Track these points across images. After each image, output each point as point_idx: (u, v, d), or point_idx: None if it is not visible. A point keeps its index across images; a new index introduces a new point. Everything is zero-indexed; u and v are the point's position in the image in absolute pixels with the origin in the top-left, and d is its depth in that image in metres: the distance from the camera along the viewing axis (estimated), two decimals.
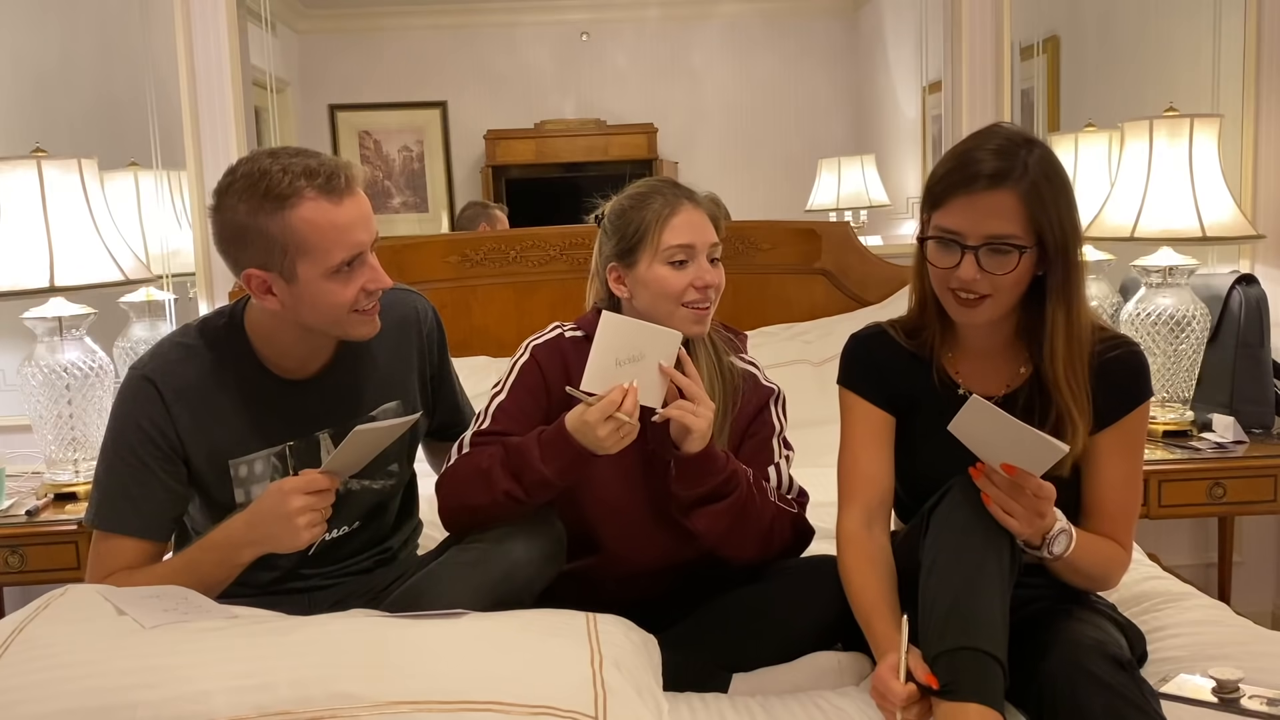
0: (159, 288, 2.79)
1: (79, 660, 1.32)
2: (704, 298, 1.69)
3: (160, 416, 1.61)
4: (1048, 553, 1.49)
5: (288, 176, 1.50)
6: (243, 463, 1.65)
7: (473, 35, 4.15)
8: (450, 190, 4.27)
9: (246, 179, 1.52)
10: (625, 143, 4.24)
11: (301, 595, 1.71)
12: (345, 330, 1.61)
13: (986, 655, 1.36)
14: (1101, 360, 1.57)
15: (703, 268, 1.69)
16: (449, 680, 1.28)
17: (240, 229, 1.53)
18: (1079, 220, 1.54)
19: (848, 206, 3.88)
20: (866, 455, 1.67)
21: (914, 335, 1.68)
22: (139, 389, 1.62)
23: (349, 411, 1.70)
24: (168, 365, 1.63)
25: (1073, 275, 1.53)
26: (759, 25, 4.20)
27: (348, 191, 1.54)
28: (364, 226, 1.56)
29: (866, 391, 1.68)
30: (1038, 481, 1.43)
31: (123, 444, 1.62)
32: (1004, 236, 1.48)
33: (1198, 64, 2.94)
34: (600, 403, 1.54)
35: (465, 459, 1.67)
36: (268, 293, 1.56)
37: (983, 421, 1.42)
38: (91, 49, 2.97)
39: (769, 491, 1.70)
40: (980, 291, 1.51)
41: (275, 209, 1.50)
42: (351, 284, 1.56)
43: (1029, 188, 1.48)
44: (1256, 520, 2.94)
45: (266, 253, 1.53)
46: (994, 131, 1.54)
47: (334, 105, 4.16)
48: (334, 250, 1.53)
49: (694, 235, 1.69)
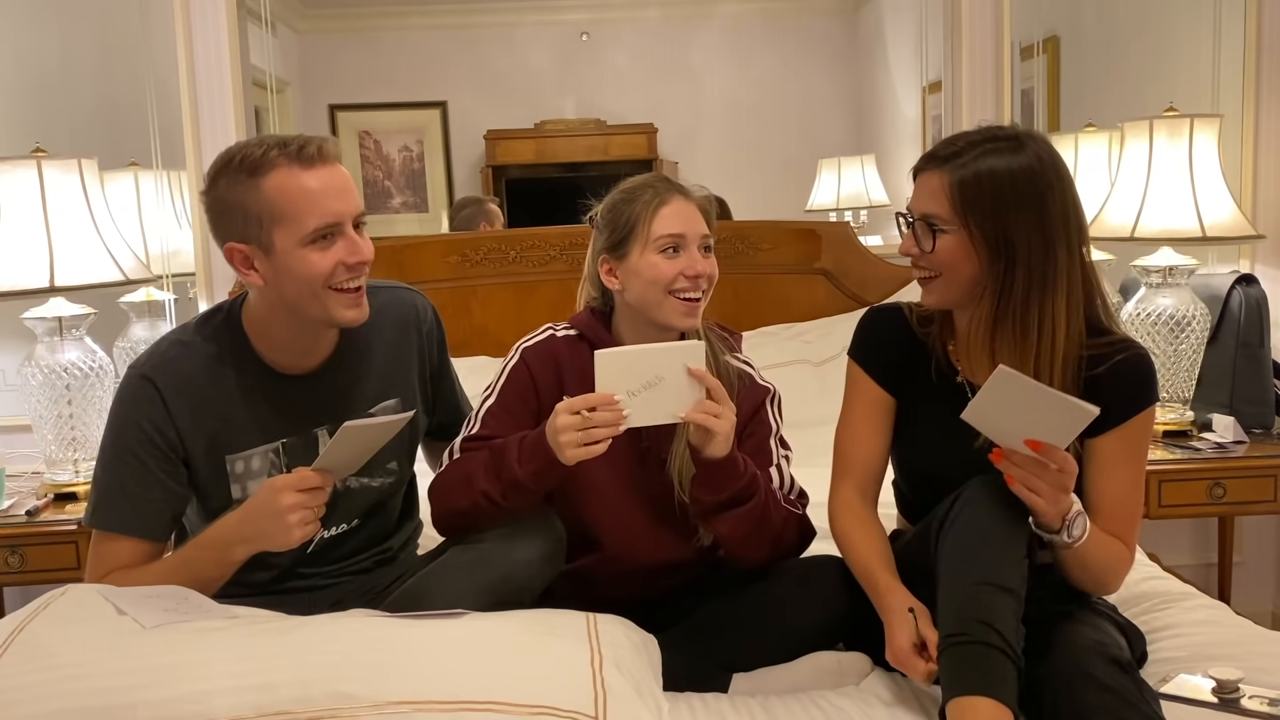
0: (159, 288, 2.80)
1: (79, 660, 1.32)
2: (694, 286, 1.68)
3: (159, 416, 1.61)
4: (1067, 535, 1.49)
5: (261, 148, 1.55)
6: (240, 458, 1.65)
7: (473, 35, 4.15)
8: (450, 190, 4.27)
9: (225, 155, 1.57)
10: (625, 143, 4.23)
11: (302, 595, 1.70)
12: (329, 311, 1.59)
13: (1000, 651, 1.36)
14: (1108, 363, 1.57)
15: (694, 257, 1.69)
16: (449, 680, 1.28)
17: (221, 204, 1.57)
18: (1054, 230, 1.53)
19: (848, 206, 3.88)
20: (864, 433, 1.71)
21: (925, 324, 1.70)
22: (138, 388, 1.62)
23: (348, 408, 1.69)
24: (166, 363, 1.64)
25: (1036, 277, 1.53)
26: (759, 25, 4.20)
27: (320, 159, 1.56)
28: (337, 196, 1.56)
29: (871, 368, 1.71)
30: (1063, 455, 1.44)
31: (122, 444, 1.62)
32: (928, 215, 1.57)
33: (1198, 64, 2.94)
34: (564, 402, 1.53)
35: (454, 464, 1.68)
36: (250, 267, 1.58)
37: (1009, 394, 1.41)
38: (91, 49, 2.97)
39: (776, 494, 1.70)
40: (927, 268, 1.59)
41: (249, 179, 1.54)
42: (329, 255, 1.56)
43: (962, 178, 1.53)
44: (1256, 520, 2.94)
45: (245, 224, 1.55)
46: (985, 129, 1.58)
47: (334, 105, 4.16)
48: (306, 216, 1.54)
49: (684, 225, 1.69)
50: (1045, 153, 1.55)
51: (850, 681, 1.60)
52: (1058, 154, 1.58)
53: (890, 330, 1.72)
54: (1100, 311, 1.61)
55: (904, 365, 1.69)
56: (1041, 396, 1.41)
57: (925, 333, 1.69)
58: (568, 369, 1.73)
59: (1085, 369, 1.57)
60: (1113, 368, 1.57)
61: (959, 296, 1.60)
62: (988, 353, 1.57)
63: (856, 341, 1.75)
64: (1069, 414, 1.41)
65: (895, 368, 1.70)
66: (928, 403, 1.65)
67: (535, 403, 1.71)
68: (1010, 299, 1.54)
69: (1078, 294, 1.56)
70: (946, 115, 3.11)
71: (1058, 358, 1.54)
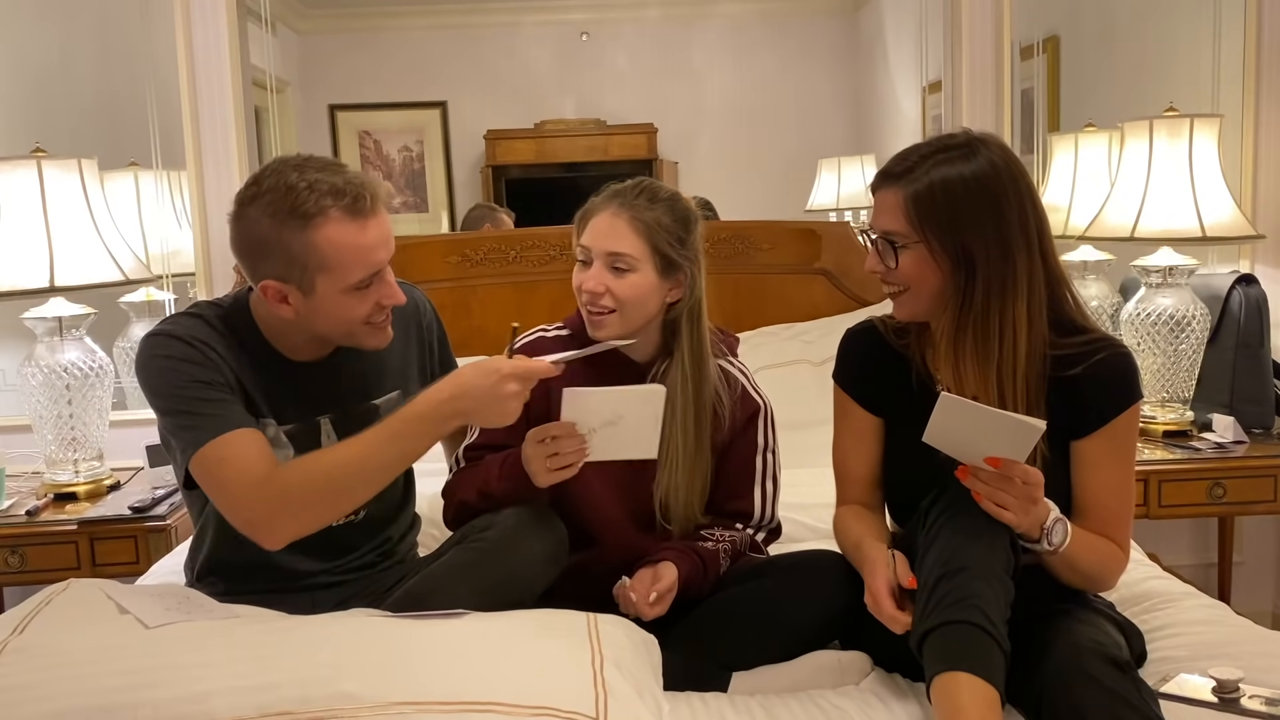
0: (159, 288, 2.80)
1: (80, 659, 1.32)
2: (592, 300, 1.69)
3: (199, 353, 1.57)
4: (1047, 544, 1.50)
5: (314, 195, 1.51)
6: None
7: (473, 35, 4.15)
8: (450, 190, 4.27)
9: (273, 193, 1.52)
10: (625, 143, 4.24)
11: (305, 595, 1.70)
12: (357, 341, 1.64)
13: (981, 630, 1.36)
14: (1086, 363, 1.56)
15: (591, 272, 1.69)
16: (450, 680, 1.28)
17: (262, 241, 1.54)
18: (1012, 234, 1.52)
19: (848, 206, 3.88)
20: (855, 456, 1.73)
21: (902, 335, 1.70)
22: (168, 342, 1.58)
23: (353, 397, 1.71)
24: (187, 327, 1.62)
25: (995, 285, 1.52)
26: (759, 25, 4.20)
27: (372, 212, 1.55)
28: (384, 246, 1.58)
29: (854, 392, 1.72)
30: (1024, 468, 1.44)
31: (180, 378, 1.55)
32: (888, 231, 1.57)
33: (1198, 64, 2.94)
34: (532, 431, 1.61)
35: (461, 473, 1.77)
36: (283, 302, 1.57)
37: (956, 418, 1.43)
38: (91, 49, 2.97)
39: (734, 545, 1.75)
40: (893, 283, 1.60)
41: (300, 226, 1.51)
42: (367, 300, 1.58)
43: (916, 192, 1.52)
44: (1256, 520, 2.94)
45: (287, 266, 1.54)
46: (937, 138, 1.58)
47: (334, 105, 4.16)
48: (354, 269, 1.54)
49: (592, 239, 1.70)
50: (999, 157, 1.54)
51: (850, 681, 1.60)
52: (1013, 156, 1.57)
53: (867, 350, 1.72)
54: (1072, 310, 1.60)
55: (885, 383, 1.69)
56: (988, 417, 1.42)
57: (903, 344, 1.69)
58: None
59: (1056, 369, 1.56)
60: (1091, 368, 1.56)
61: (928, 308, 1.59)
62: (950, 363, 1.57)
63: (838, 366, 1.76)
64: (1017, 431, 1.41)
65: (876, 389, 1.70)
66: (911, 414, 1.62)
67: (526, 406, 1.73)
68: (970, 308, 1.54)
69: (1039, 297, 1.55)
70: (946, 115, 3.11)
71: (1020, 362, 1.54)
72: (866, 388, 1.71)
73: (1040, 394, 1.56)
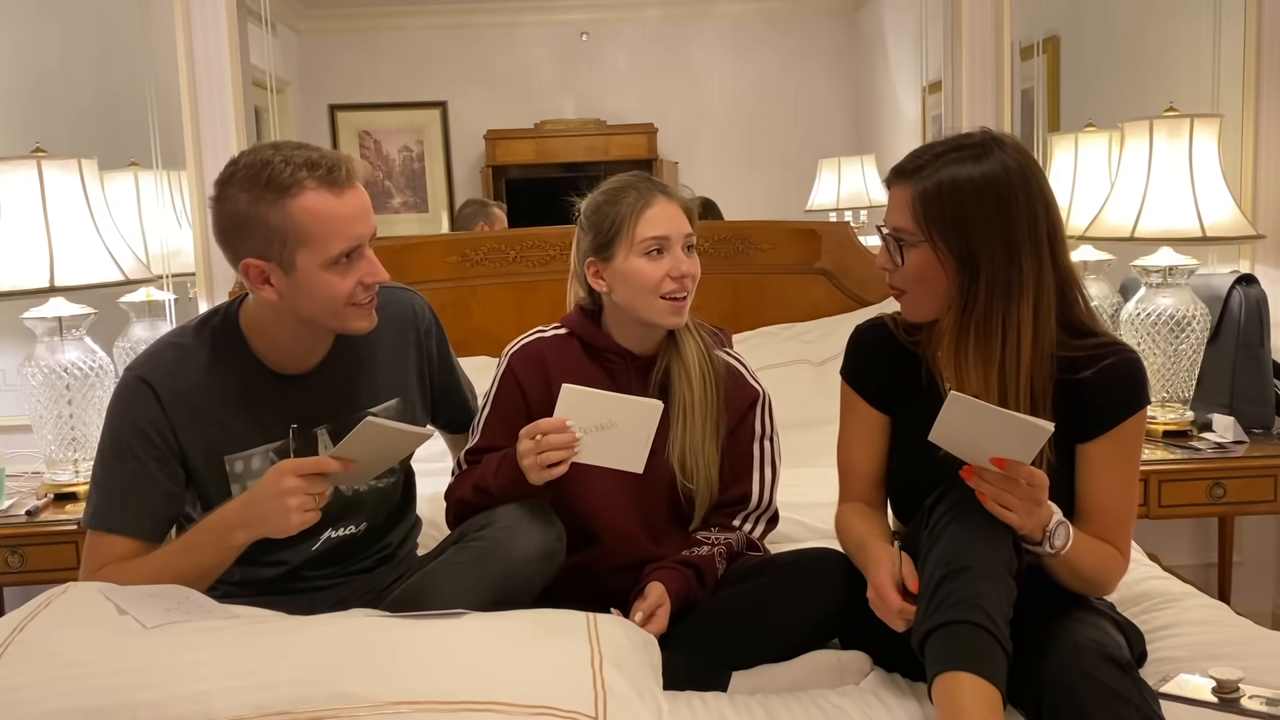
0: (159, 288, 2.79)
1: (80, 660, 1.32)
2: (681, 288, 1.71)
3: (157, 417, 1.61)
4: (1049, 546, 1.49)
5: (289, 167, 1.51)
6: (239, 458, 1.65)
7: (473, 35, 4.15)
8: (450, 190, 4.27)
9: (248, 169, 1.53)
10: (625, 143, 4.24)
11: (303, 595, 1.71)
12: (342, 323, 1.62)
13: (984, 630, 1.36)
14: (1095, 367, 1.55)
15: (678, 258, 1.71)
16: (449, 680, 1.28)
17: (240, 218, 1.54)
18: (1019, 237, 1.51)
19: (848, 206, 3.88)
20: (861, 453, 1.72)
21: (913, 332, 1.69)
22: (135, 390, 1.62)
23: (347, 408, 1.70)
24: (163, 366, 1.64)
25: (1000, 287, 1.52)
26: (759, 25, 4.21)
27: (348, 184, 1.55)
28: (363, 219, 1.57)
29: (861, 388, 1.71)
30: (1029, 470, 1.43)
31: (120, 444, 1.62)
32: (897, 229, 1.56)
33: (1198, 64, 2.94)
34: (525, 428, 1.61)
35: (461, 475, 1.77)
36: (265, 283, 1.57)
37: (964, 417, 1.42)
38: (91, 49, 2.97)
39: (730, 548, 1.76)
40: (897, 285, 1.60)
41: (276, 199, 1.51)
42: (349, 276, 1.57)
43: (924, 190, 1.52)
44: (1256, 520, 2.94)
45: (266, 242, 1.53)
46: (954, 137, 1.57)
47: (334, 105, 4.16)
48: (333, 241, 1.54)
49: (668, 227, 1.71)
50: (1013, 159, 1.52)
51: (850, 680, 1.60)
52: (1029, 159, 1.55)
53: (877, 347, 1.71)
54: (1082, 313, 1.59)
55: (894, 381, 1.68)
56: (996, 418, 1.41)
57: (914, 341, 1.68)
58: (555, 368, 1.75)
59: (1064, 372, 1.56)
60: (1100, 372, 1.55)
61: (933, 308, 1.59)
62: (953, 363, 1.57)
63: (846, 362, 1.75)
64: (1025, 432, 1.40)
65: (885, 386, 1.69)
66: (918, 412, 1.62)
67: (525, 408, 1.75)
68: (974, 309, 1.53)
69: (1048, 300, 1.54)
70: (946, 115, 3.11)
71: (1024, 365, 1.53)
72: (875, 384, 1.70)
73: (1046, 396, 1.55)
